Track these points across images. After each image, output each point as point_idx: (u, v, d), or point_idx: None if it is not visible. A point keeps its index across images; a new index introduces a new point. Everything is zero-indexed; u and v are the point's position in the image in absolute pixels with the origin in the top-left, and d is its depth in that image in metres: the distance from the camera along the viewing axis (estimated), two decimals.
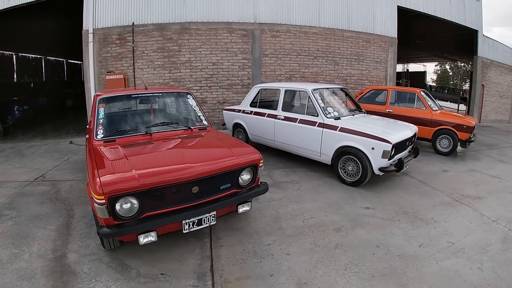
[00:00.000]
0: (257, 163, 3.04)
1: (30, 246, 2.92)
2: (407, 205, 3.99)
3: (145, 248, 2.76)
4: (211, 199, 2.72)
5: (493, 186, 4.75)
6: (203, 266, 2.64)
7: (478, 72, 10.57)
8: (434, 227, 3.43)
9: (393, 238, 3.18)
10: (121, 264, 2.64)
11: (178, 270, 2.57)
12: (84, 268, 2.58)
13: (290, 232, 3.24)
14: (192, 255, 2.79)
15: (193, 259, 2.73)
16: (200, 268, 2.61)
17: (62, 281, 2.40)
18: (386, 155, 4.15)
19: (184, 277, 2.48)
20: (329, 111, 4.91)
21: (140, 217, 2.42)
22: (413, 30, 12.93)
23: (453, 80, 34.33)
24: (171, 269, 2.58)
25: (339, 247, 2.99)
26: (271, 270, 2.60)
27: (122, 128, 3.47)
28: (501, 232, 3.36)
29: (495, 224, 3.54)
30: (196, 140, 3.47)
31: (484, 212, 3.82)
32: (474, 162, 6.01)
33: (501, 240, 3.20)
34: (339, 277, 2.55)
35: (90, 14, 7.49)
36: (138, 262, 2.65)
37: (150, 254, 2.77)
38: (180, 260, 2.71)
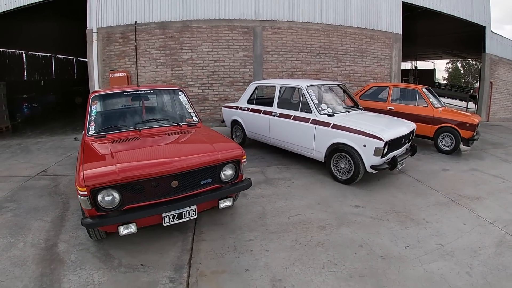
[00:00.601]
0: (240, 159, 2.99)
1: (25, 236, 3.02)
2: (399, 204, 3.78)
3: (130, 240, 2.84)
4: (191, 193, 2.72)
5: (494, 186, 4.46)
6: (182, 258, 2.64)
7: (486, 70, 10.07)
8: (424, 227, 3.22)
9: (378, 238, 3.01)
10: (106, 254, 2.70)
11: (157, 261, 2.59)
12: (72, 257, 2.65)
13: (273, 229, 3.15)
14: (173, 248, 2.79)
15: (173, 252, 2.73)
16: (179, 260, 2.61)
17: (50, 268, 2.50)
18: (378, 152, 3.94)
19: (162, 269, 2.49)
20: (323, 107, 4.73)
21: (121, 209, 2.47)
22: (420, 26, 12.43)
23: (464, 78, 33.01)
24: (151, 260, 2.60)
25: (321, 245, 2.87)
26: (248, 265, 2.55)
27: (113, 124, 3.49)
28: (497, 235, 3.12)
29: (491, 226, 3.30)
30: (182, 136, 3.44)
31: (481, 214, 3.57)
32: (477, 161, 5.69)
33: (495, 243, 2.97)
34: (315, 276, 2.44)
35: (94, 13, 7.51)
36: (122, 253, 2.70)
37: (133, 246, 2.81)
38: (161, 252, 2.73)
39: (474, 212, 3.62)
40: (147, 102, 4.22)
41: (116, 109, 3.96)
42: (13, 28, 9.42)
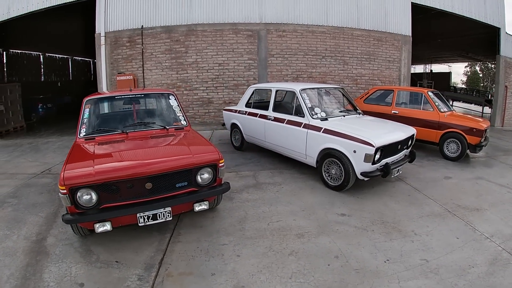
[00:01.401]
0: (216, 163, 2.94)
1: (20, 229, 3.17)
2: (389, 214, 3.52)
3: (111, 238, 2.91)
4: (166, 195, 2.74)
5: (498, 196, 4.09)
6: (154, 258, 2.65)
7: (501, 73, 9.40)
8: (411, 240, 2.96)
9: (358, 250, 2.79)
10: (87, 249, 2.78)
11: (132, 259, 2.63)
12: (56, 250, 2.78)
13: (250, 234, 3.04)
14: (149, 248, 2.80)
15: (148, 251, 2.75)
16: (151, 260, 2.63)
17: (36, 259, 2.64)
18: (368, 158, 3.69)
19: (134, 267, 2.53)
20: (316, 111, 4.52)
21: (98, 207, 2.56)
22: (434, 28, 11.84)
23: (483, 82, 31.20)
24: (126, 258, 2.65)
25: (294, 254, 2.71)
26: (215, 269, 2.49)
27: (103, 127, 3.58)
28: (492, 252, 2.81)
29: (487, 241, 2.98)
30: (165, 139, 3.43)
31: (478, 227, 3.25)
32: (484, 169, 5.27)
33: (489, 261, 2.67)
34: (280, 285, 2.31)
35: (102, 18, 7.65)
36: (101, 249, 2.77)
37: (113, 243, 2.86)
38: (137, 251, 2.75)
39: (470, 224, 3.30)
40: (138, 106, 4.22)
41: (107, 113, 4.04)
42: (31, 31, 9.75)
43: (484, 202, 3.90)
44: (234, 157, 5.90)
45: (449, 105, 6.51)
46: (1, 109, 7.93)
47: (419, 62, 19.38)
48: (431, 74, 19.23)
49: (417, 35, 13.34)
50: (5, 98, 8.16)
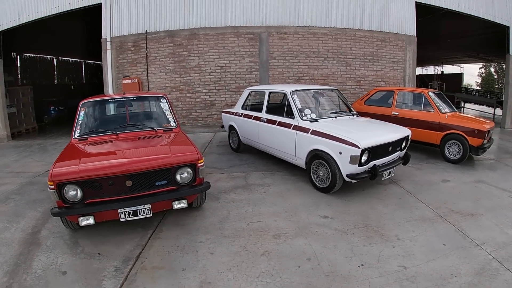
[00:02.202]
0: (195, 163, 2.97)
1: (19, 222, 3.36)
2: (375, 217, 3.32)
3: (98, 232, 3.04)
4: (146, 193, 2.81)
5: (497, 201, 3.78)
6: (133, 252, 2.72)
7: (510, 73, 8.84)
8: (392, 245, 2.77)
9: (332, 253, 2.65)
10: (75, 242, 2.92)
11: (113, 252, 2.72)
12: (48, 242, 2.93)
13: (228, 233, 3.02)
14: (130, 242, 2.88)
15: (129, 246, 2.82)
16: (130, 253, 2.70)
17: (28, 249, 2.81)
18: (354, 160, 3.51)
19: (113, 259, 2.62)
20: (306, 113, 4.37)
21: (83, 202, 2.69)
22: (443, 29, 11.36)
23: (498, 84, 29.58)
24: (108, 251, 2.75)
25: (266, 254, 2.65)
26: (187, 265, 2.52)
27: (95, 128, 3.72)
28: (481, 261, 2.57)
29: (477, 249, 2.74)
30: (151, 140, 3.48)
31: (469, 233, 3.00)
32: (487, 172, 4.92)
33: (475, 271, 2.44)
34: (246, 284, 2.27)
35: (108, 23, 7.80)
36: (87, 242, 2.90)
37: (99, 237, 2.97)
38: (119, 245, 2.83)
39: (461, 230, 3.05)
40: (130, 109, 4.29)
41: (101, 115, 4.11)
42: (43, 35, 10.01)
43: (481, 207, 3.62)
44: (230, 159, 5.83)
45: (452, 106, 6.16)
46: (13, 111, 8.22)
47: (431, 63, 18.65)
48: (442, 75, 18.43)
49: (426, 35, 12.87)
50: (17, 100, 8.46)
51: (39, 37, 10.05)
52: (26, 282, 2.34)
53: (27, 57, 12.15)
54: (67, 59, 15.46)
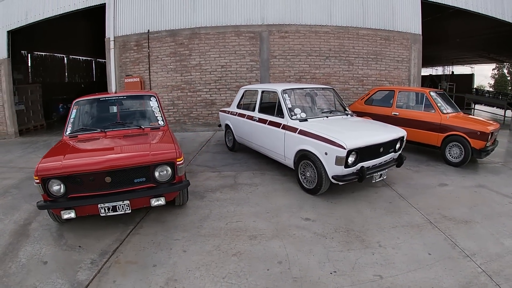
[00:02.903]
0: (174, 161, 2.92)
1: (13, 215, 3.44)
2: (359, 221, 3.10)
3: (83, 226, 3.09)
4: (125, 189, 2.82)
5: (496, 208, 3.47)
6: (111, 246, 2.74)
7: None
8: (372, 253, 2.55)
9: (306, 257, 2.48)
10: (60, 234, 2.98)
11: (92, 246, 2.75)
12: (36, 233, 3.01)
13: (205, 232, 2.95)
14: (110, 237, 2.89)
15: (108, 240, 2.84)
16: (108, 247, 2.72)
17: (17, 240, 2.90)
18: (339, 161, 3.29)
19: (92, 252, 2.65)
20: (296, 112, 4.17)
21: (67, 197, 2.73)
22: (452, 28, 10.81)
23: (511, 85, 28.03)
24: (88, 244, 2.78)
25: (238, 255, 2.56)
26: (158, 261, 2.50)
27: (85, 126, 3.76)
28: (468, 274, 2.32)
29: (466, 260, 2.48)
30: (136, 138, 3.49)
31: (460, 242, 2.74)
32: (489, 176, 4.56)
33: (460, 285, 2.20)
34: (210, 284, 2.21)
35: (111, 23, 7.80)
36: (71, 235, 2.95)
37: (83, 231, 3.01)
38: (99, 239, 2.86)
39: (451, 239, 2.79)
40: (120, 107, 4.27)
41: (92, 113, 4.13)
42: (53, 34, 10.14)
43: (477, 213, 3.32)
44: (224, 158, 5.69)
45: (455, 106, 5.79)
46: (22, 109, 8.38)
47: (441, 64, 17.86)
48: (453, 76, 17.60)
49: (435, 35, 12.33)
50: (26, 98, 8.61)
51: (50, 36, 10.17)
52: (11, 269, 2.44)
53: (38, 56, 12.29)
54: (78, 57, 15.51)
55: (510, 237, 2.83)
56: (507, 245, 2.71)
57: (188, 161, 5.55)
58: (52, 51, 12.96)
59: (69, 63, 14.73)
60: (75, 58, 15.32)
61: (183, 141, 7.28)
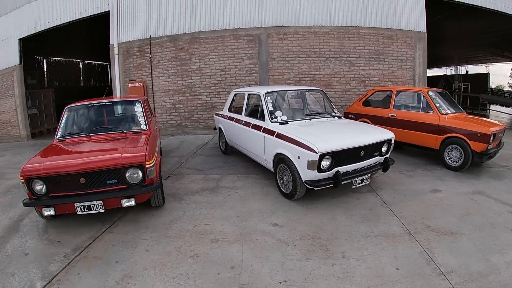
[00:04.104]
0: (143, 165, 2.96)
1: (9, 212, 3.60)
2: (330, 229, 2.85)
3: (66, 223, 3.22)
4: (99, 190, 2.93)
5: (491, 218, 3.06)
6: (85, 242, 2.83)
7: None
8: (332, 263, 2.31)
9: (260, 264, 2.34)
10: (45, 230, 3.12)
11: (69, 241, 2.87)
12: (25, 228, 3.17)
13: (172, 233, 2.95)
14: (86, 234, 2.98)
15: (84, 237, 2.94)
16: (82, 243, 2.82)
17: (8, 233, 3.07)
18: (312, 166, 3.04)
19: (67, 247, 2.77)
20: (277, 115, 3.96)
21: (48, 195, 2.87)
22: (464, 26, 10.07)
23: None
24: (66, 239, 2.90)
25: (195, 257, 2.52)
26: (121, 259, 2.55)
27: (74, 131, 3.88)
28: None
29: (439, 278, 2.17)
30: (115, 142, 3.55)
31: (438, 257, 2.41)
32: (490, 182, 4.09)
33: None
34: (160, 283, 2.21)
35: (115, 30, 7.93)
36: (54, 231, 3.08)
37: (65, 228, 3.13)
38: (77, 235, 2.96)
39: (429, 253, 2.47)
40: (108, 112, 4.39)
41: (81, 118, 4.23)
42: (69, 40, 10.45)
43: (467, 224, 2.95)
44: (215, 161, 5.56)
45: (458, 106, 5.31)
46: (35, 112, 8.69)
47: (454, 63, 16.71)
48: (467, 75, 16.42)
49: (446, 33, 11.59)
50: (39, 102, 8.94)
51: (65, 42, 10.49)
52: None
53: (53, 61, 12.69)
54: (93, 62, 15.77)
55: (499, 253, 2.46)
56: (493, 262, 2.35)
57: (179, 164, 5.47)
58: (68, 56, 13.29)
59: (85, 67, 15.05)
60: (91, 63, 15.57)
61: (182, 144, 7.24)
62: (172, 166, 5.40)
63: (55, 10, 7.89)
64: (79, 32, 9.69)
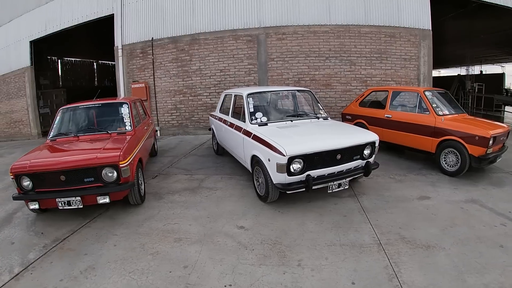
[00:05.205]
0: (117, 164, 3.04)
1: (7, 205, 3.76)
2: (294, 235, 2.67)
3: (52, 218, 3.34)
4: (77, 187, 3.04)
5: (480, 231, 2.72)
6: (64, 235, 2.94)
7: None
8: (284, 271, 2.14)
9: (213, 266, 2.29)
10: (33, 222, 3.26)
11: (51, 233, 2.99)
12: (17, 220, 3.33)
13: (142, 231, 2.96)
14: (67, 227, 3.09)
15: (65, 230, 3.04)
16: (61, 236, 2.93)
17: (1, 225, 3.25)
18: (281, 169, 2.85)
19: (48, 238, 2.90)
20: (257, 116, 3.79)
21: (34, 191, 3.01)
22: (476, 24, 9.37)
23: None
24: (49, 231, 3.04)
25: (154, 255, 2.53)
26: (90, 251, 2.63)
27: (64, 131, 4.01)
28: None
29: None
30: (99, 142, 3.61)
31: (404, 273, 2.15)
32: (489, 189, 3.69)
33: None
34: (117, 276, 2.25)
35: (119, 32, 8.02)
36: (41, 223, 3.22)
37: (51, 221, 3.25)
38: (59, 228, 3.08)
39: (395, 267, 2.20)
40: (97, 113, 4.47)
41: (72, 119, 4.36)
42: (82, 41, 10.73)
43: (449, 237, 2.64)
44: (205, 161, 5.46)
45: (459, 107, 4.88)
46: (47, 112, 8.97)
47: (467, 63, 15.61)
48: (481, 75, 15.28)
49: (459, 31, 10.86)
50: (51, 102, 9.22)
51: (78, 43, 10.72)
52: None
53: (67, 61, 12.98)
54: (107, 62, 15.88)
55: (479, 273, 2.15)
56: (469, 283, 2.05)
57: (171, 163, 5.41)
58: (82, 56, 13.51)
59: (98, 68, 15.27)
60: (105, 63, 15.72)
61: (179, 144, 7.21)
62: (164, 165, 5.35)
63: (63, 14, 8.11)
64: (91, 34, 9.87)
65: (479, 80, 13.32)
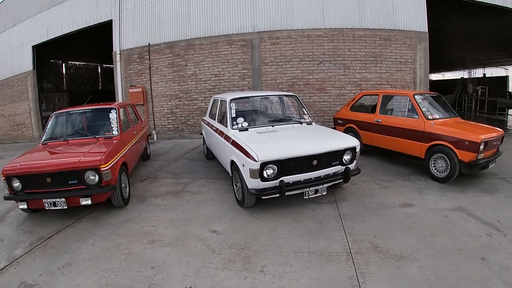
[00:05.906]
0: (98, 168, 3.11)
1: (2, 205, 3.84)
2: (264, 241, 2.64)
3: (42, 218, 3.44)
4: (62, 189, 3.15)
5: (462, 241, 2.57)
6: (50, 234, 3.05)
7: None
8: (245, 277, 2.17)
9: (178, 268, 2.35)
10: (24, 221, 3.39)
11: (38, 232, 3.12)
12: (9, 219, 3.46)
13: (120, 232, 3.02)
14: (53, 227, 3.20)
15: (50, 229, 3.16)
16: (47, 234, 3.04)
17: None
18: (254, 174, 2.79)
19: (34, 236, 3.02)
20: (239, 121, 3.73)
21: (23, 191, 3.15)
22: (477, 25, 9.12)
23: None
24: (36, 230, 3.16)
25: (127, 255, 2.58)
26: (70, 250, 2.72)
27: (54, 135, 4.12)
28: None
29: None
30: (84, 146, 3.68)
31: (369, 284, 2.07)
32: (479, 196, 3.51)
33: None
34: (90, 273, 2.35)
35: (117, 38, 8.13)
36: (30, 223, 3.36)
37: (39, 221, 3.37)
38: (46, 227, 3.19)
39: (360, 278, 2.10)
40: (86, 118, 4.56)
41: (62, 123, 4.45)
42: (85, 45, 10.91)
43: (427, 247, 2.50)
44: (195, 165, 5.42)
45: (452, 111, 4.71)
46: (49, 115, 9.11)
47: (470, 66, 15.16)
48: (484, 78, 14.83)
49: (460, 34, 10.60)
50: (53, 105, 9.37)
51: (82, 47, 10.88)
52: None
53: (72, 65, 13.10)
54: (111, 66, 16.09)
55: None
56: None
57: (161, 167, 5.40)
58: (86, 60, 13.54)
59: (103, 71, 15.39)
60: (109, 67, 15.70)
61: (173, 148, 7.20)
62: (154, 169, 5.34)
63: (64, 19, 8.28)
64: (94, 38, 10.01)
65: (482, 83, 12.95)
